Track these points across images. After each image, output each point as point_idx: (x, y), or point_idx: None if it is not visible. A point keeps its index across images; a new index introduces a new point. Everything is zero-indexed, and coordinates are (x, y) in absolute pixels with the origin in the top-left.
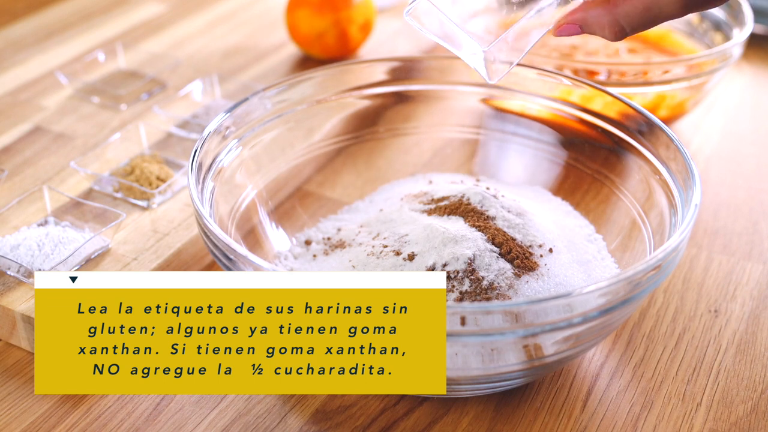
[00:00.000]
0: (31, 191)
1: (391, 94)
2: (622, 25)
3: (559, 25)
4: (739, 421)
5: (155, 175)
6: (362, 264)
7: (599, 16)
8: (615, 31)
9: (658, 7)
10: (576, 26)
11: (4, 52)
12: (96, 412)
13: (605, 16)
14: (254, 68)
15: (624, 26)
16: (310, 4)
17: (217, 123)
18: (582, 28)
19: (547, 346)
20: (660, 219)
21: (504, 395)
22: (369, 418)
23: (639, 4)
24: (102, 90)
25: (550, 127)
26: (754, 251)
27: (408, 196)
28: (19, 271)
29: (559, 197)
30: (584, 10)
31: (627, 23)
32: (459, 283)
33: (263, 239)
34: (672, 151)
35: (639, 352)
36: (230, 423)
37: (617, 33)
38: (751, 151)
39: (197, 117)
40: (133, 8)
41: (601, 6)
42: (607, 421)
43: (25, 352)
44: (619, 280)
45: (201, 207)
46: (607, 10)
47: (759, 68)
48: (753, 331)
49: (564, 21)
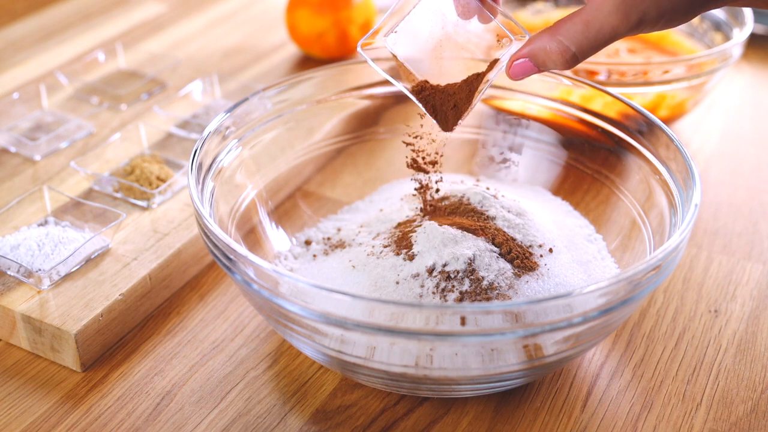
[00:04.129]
0: (31, 191)
1: (391, 94)
2: (567, 45)
3: (510, 64)
4: (739, 421)
5: (155, 175)
6: (362, 264)
7: (543, 43)
8: (565, 57)
9: (598, 21)
10: (527, 63)
11: (4, 52)
12: (96, 412)
13: (549, 42)
14: (254, 68)
15: (569, 47)
16: (310, 4)
17: (217, 123)
18: (532, 61)
19: (547, 346)
20: (660, 219)
21: (504, 395)
22: (369, 418)
23: (578, 21)
24: (102, 90)
25: (550, 127)
26: (754, 251)
27: (408, 196)
28: (19, 271)
29: (559, 197)
30: (530, 43)
31: (572, 43)
32: (459, 283)
33: (263, 239)
34: (672, 151)
35: (639, 352)
36: (230, 423)
37: (568, 60)
38: (751, 151)
39: (197, 117)
40: (133, 8)
41: (545, 34)
42: (607, 421)
43: (25, 352)
44: (619, 280)
45: (201, 207)
46: (549, 34)
47: (759, 68)
48: (753, 331)
49: (514, 57)
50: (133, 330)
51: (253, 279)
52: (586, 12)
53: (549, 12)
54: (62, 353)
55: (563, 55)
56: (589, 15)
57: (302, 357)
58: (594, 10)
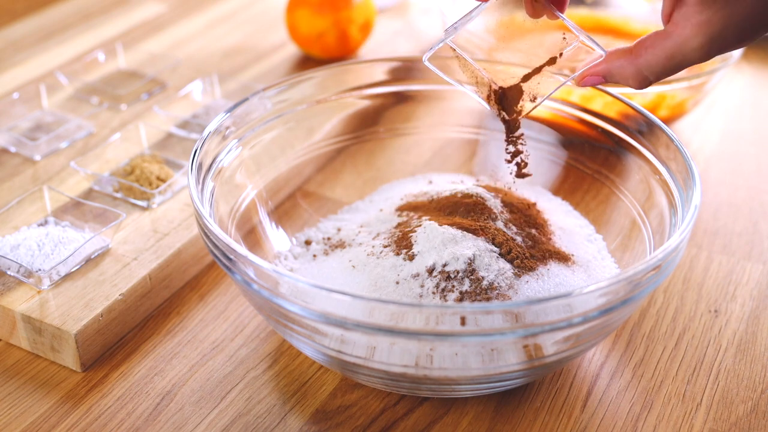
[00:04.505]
0: (31, 191)
1: (391, 94)
2: (646, 75)
3: (582, 77)
4: (739, 421)
5: (155, 175)
6: (362, 264)
7: (622, 67)
8: (639, 81)
9: (681, 54)
10: (599, 77)
11: (4, 52)
12: (96, 412)
13: (628, 67)
14: (254, 68)
15: (648, 76)
16: (310, 4)
17: (217, 123)
18: (605, 79)
19: (547, 346)
20: (660, 219)
21: (504, 395)
22: (369, 418)
23: (661, 54)
24: (102, 90)
25: (550, 127)
26: (754, 251)
27: (408, 196)
28: (19, 271)
29: (559, 197)
30: (607, 62)
31: (650, 73)
32: (459, 283)
33: (263, 239)
34: (672, 151)
35: (639, 352)
36: (230, 423)
37: (641, 82)
38: (751, 151)
39: (197, 117)
40: (133, 8)
41: (624, 57)
42: (607, 421)
43: (25, 352)
44: (619, 280)
45: (201, 207)
46: (629, 60)
47: (759, 68)
48: (753, 331)
49: (588, 73)
50: (133, 330)
51: (253, 279)
52: (671, 44)
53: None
54: (62, 353)
55: (639, 81)
56: (674, 48)
57: (302, 357)
58: (679, 44)
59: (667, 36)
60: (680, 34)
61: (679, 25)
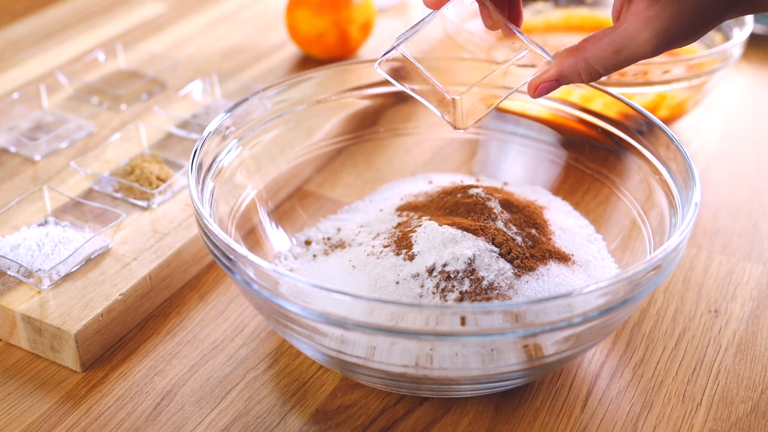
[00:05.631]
0: (31, 191)
1: (391, 94)
2: (596, 68)
3: (535, 87)
4: (739, 421)
5: (155, 175)
6: (362, 264)
7: (571, 65)
8: (589, 73)
9: (629, 49)
10: (553, 82)
11: (4, 52)
12: (96, 412)
13: (578, 63)
14: (254, 68)
15: (597, 69)
16: (310, 4)
17: (217, 123)
18: (559, 81)
19: (547, 346)
20: (660, 219)
21: (504, 395)
22: (369, 418)
23: (608, 47)
24: (102, 90)
25: (550, 127)
26: (754, 251)
27: (408, 196)
28: (19, 271)
29: (559, 197)
30: (558, 64)
31: (600, 66)
32: (459, 283)
33: (263, 239)
34: (672, 151)
35: (639, 352)
36: (230, 423)
37: (591, 75)
38: (751, 151)
39: (197, 117)
40: (133, 8)
41: (572, 54)
42: (607, 421)
43: (25, 352)
44: (619, 280)
45: (201, 207)
46: (577, 56)
47: (759, 68)
48: (753, 331)
49: (539, 81)
50: (133, 330)
51: (253, 279)
52: (617, 38)
53: (549, 12)
54: (62, 353)
55: (588, 73)
56: (621, 43)
57: (302, 357)
58: (626, 38)
59: (614, 30)
60: (627, 29)
61: (627, 20)
